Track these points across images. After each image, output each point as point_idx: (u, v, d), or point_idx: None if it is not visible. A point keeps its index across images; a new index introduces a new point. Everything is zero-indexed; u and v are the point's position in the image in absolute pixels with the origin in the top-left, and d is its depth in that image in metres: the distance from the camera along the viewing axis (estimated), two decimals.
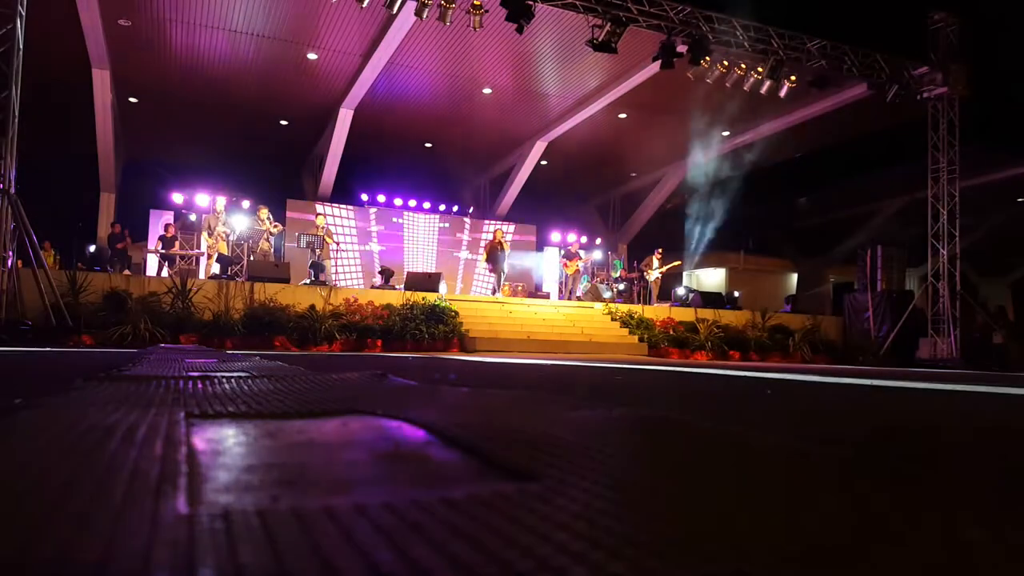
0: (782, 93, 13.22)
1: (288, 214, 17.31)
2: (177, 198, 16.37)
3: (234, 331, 10.61)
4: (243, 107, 15.95)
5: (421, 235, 19.12)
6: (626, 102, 15.37)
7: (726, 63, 12.71)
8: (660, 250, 16.58)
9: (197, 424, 1.54)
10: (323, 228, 15.10)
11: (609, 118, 16.23)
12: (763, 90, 12.99)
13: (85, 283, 10.30)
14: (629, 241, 21.35)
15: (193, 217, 15.39)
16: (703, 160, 19.02)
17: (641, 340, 12.97)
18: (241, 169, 18.77)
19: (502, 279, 15.00)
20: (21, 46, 9.91)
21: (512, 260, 16.24)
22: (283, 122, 17.03)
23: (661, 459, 1.18)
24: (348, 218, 18.25)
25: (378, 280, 14.45)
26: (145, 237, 16.13)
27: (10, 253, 9.58)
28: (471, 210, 20.32)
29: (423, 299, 12.20)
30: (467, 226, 19.68)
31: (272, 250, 14.20)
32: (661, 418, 1.57)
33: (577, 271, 16.10)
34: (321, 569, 0.60)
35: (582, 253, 16.32)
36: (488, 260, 14.60)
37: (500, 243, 14.43)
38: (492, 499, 0.85)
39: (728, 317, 14.39)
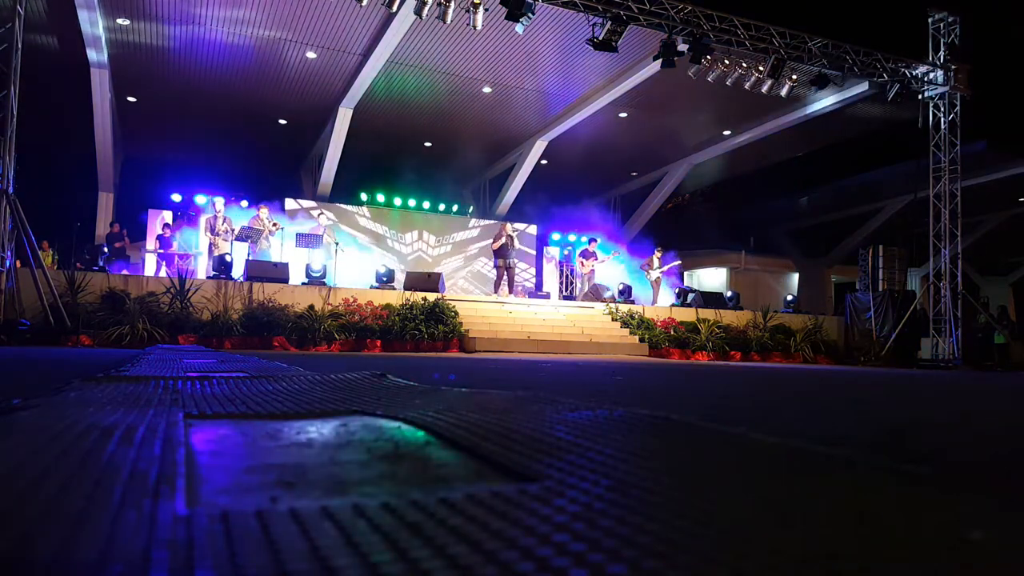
0: (783, 92, 13.21)
1: (287, 213, 17.26)
2: (176, 197, 16.36)
3: (233, 331, 10.61)
4: (242, 106, 15.94)
5: (420, 234, 19.09)
6: (627, 101, 15.36)
7: (727, 62, 12.71)
8: (660, 250, 16.56)
9: (196, 425, 1.54)
10: (322, 227, 15.11)
11: (609, 117, 16.21)
12: (764, 89, 12.97)
13: (83, 283, 10.30)
14: (630, 240, 21.33)
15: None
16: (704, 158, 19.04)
17: (642, 340, 12.97)
18: (240, 168, 18.76)
19: (514, 277, 14.88)
20: (20, 45, 9.91)
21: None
22: (282, 121, 17.01)
23: (662, 460, 1.17)
24: (347, 217, 18.22)
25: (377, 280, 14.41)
26: (144, 237, 16.11)
27: (8, 253, 9.58)
28: (471, 209, 20.30)
29: (423, 299, 12.19)
30: (467, 225, 19.66)
31: (271, 249, 14.19)
32: (662, 419, 1.57)
33: (592, 271, 16.04)
34: (320, 570, 0.60)
35: (599, 253, 16.22)
36: (498, 256, 14.49)
37: (509, 236, 14.38)
38: (492, 500, 0.85)
39: (729, 317, 14.39)
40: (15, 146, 9.82)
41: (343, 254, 14.07)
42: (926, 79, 13.78)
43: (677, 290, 15.77)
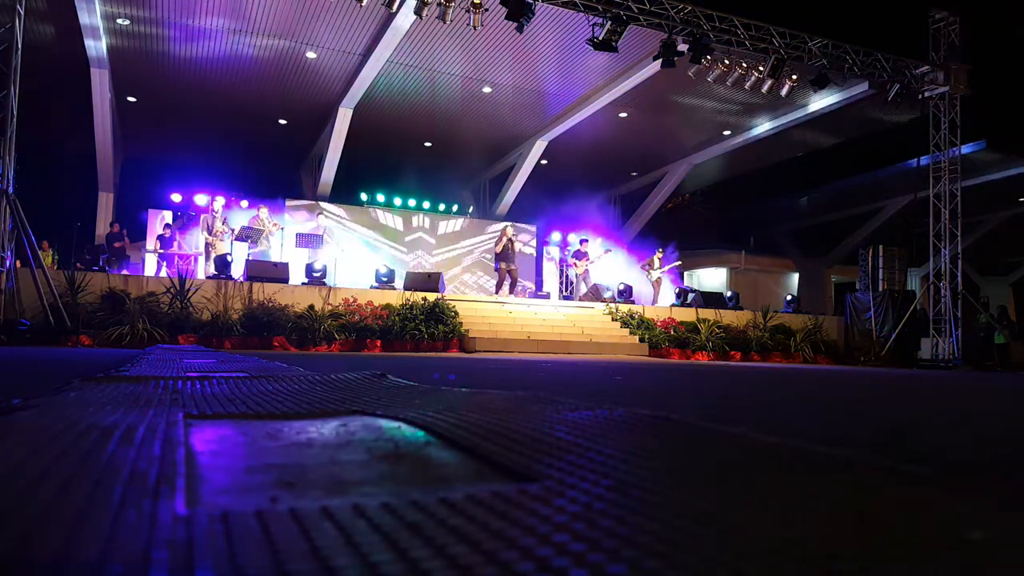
0: (783, 92, 13.21)
1: (287, 212, 17.28)
2: (176, 197, 16.36)
3: (233, 331, 10.61)
4: (242, 106, 15.94)
5: (420, 234, 19.08)
6: (627, 101, 15.35)
7: (727, 62, 12.71)
8: (661, 250, 16.57)
9: (196, 425, 1.54)
10: (321, 227, 15.11)
11: (609, 117, 16.21)
12: (764, 89, 12.97)
13: (83, 283, 10.30)
14: (630, 240, 21.36)
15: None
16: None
17: (642, 340, 12.97)
18: (240, 169, 18.76)
19: (517, 278, 14.81)
20: (20, 45, 9.91)
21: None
22: (282, 121, 17.01)
23: (662, 460, 1.17)
24: (347, 217, 18.22)
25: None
26: (144, 237, 16.12)
27: (8, 253, 9.58)
28: (471, 209, 20.30)
29: (423, 299, 12.19)
30: (467, 226, 19.65)
31: (271, 249, 14.19)
32: (662, 418, 1.57)
33: (586, 271, 16.04)
34: (320, 570, 0.60)
35: (591, 253, 16.22)
36: (500, 259, 14.47)
37: (511, 240, 14.38)
38: (492, 500, 0.85)
39: (729, 317, 14.39)
40: (15, 146, 9.82)
41: (343, 254, 14.08)
42: (926, 79, 13.77)
43: (677, 290, 15.77)
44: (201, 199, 15.41)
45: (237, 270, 12.42)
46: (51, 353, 7.15)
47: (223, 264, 12.03)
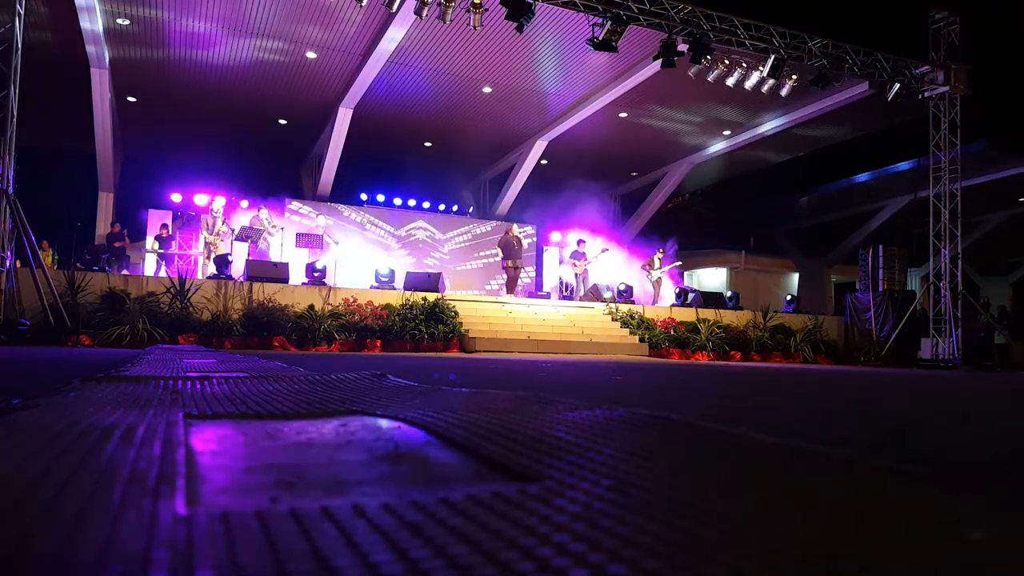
0: (783, 92, 13.21)
1: (287, 214, 17.28)
2: (176, 197, 16.37)
3: (233, 331, 10.61)
4: (242, 106, 15.94)
5: (420, 234, 19.08)
6: (626, 101, 15.36)
7: (727, 62, 12.71)
8: (662, 250, 16.58)
9: (196, 425, 1.54)
10: (321, 227, 15.12)
11: (609, 117, 16.22)
12: (764, 89, 12.97)
13: (83, 283, 10.30)
14: (630, 240, 21.34)
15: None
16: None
17: (642, 340, 12.97)
18: (240, 169, 18.76)
19: (520, 275, 14.86)
20: (20, 45, 9.91)
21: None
22: (282, 121, 17.02)
23: (662, 460, 1.17)
24: (347, 217, 18.22)
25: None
26: (144, 237, 16.12)
27: (8, 253, 9.58)
28: (471, 210, 20.29)
29: (423, 299, 12.19)
30: (466, 225, 19.65)
31: (271, 249, 14.19)
32: (662, 418, 1.57)
33: (585, 271, 16.05)
34: (320, 570, 0.60)
35: (588, 253, 16.24)
36: (506, 257, 14.47)
37: (516, 237, 14.38)
38: (492, 500, 0.85)
39: (729, 317, 14.39)
40: (15, 146, 9.82)
41: (343, 254, 14.08)
42: (926, 79, 13.77)
43: (677, 290, 15.77)
44: (201, 199, 15.41)
45: (237, 270, 12.42)
46: (51, 353, 7.15)
47: (223, 264, 12.03)
